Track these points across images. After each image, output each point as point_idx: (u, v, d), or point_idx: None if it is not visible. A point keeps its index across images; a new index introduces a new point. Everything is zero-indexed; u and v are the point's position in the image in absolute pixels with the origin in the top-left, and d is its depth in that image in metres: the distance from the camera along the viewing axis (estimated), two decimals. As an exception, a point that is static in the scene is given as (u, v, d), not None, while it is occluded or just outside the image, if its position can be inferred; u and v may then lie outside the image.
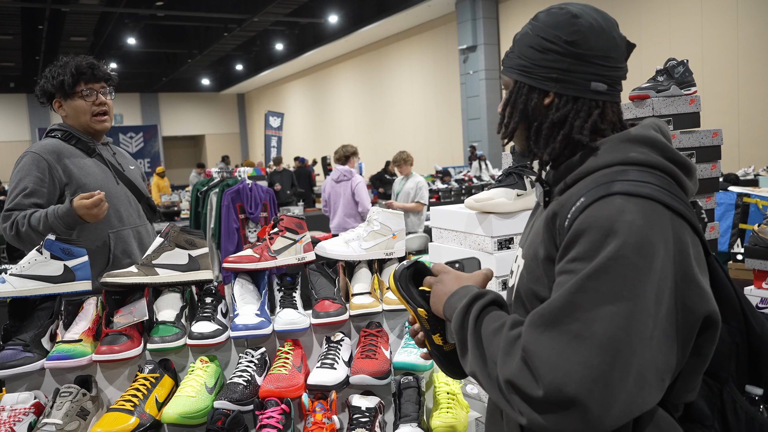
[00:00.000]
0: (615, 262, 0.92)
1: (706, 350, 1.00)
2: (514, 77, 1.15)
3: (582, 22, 1.08)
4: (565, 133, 1.11)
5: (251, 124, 30.66)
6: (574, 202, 1.02)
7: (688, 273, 0.95)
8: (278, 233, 1.99)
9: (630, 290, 0.91)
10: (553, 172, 1.17)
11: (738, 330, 1.08)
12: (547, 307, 0.96)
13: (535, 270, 1.10)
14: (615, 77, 1.11)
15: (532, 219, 1.29)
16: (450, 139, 16.85)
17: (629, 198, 0.96)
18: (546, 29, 1.10)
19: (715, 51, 10.68)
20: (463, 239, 2.20)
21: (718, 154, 2.70)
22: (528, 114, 1.14)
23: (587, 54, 1.08)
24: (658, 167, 1.04)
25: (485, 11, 14.71)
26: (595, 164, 1.07)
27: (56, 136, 2.38)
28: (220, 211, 4.85)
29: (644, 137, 1.07)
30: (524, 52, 1.13)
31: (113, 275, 1.83)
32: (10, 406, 1.58)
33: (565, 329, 0.92)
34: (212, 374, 1.74)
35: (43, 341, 1.73)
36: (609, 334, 0.89)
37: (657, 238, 0.94)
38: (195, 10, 16.58)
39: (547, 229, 1.08)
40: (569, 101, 1.10)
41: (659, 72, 2.60)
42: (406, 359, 1.81)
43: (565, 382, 0.89)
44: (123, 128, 24.18)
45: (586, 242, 0.96)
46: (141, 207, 2.55)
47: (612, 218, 0.95)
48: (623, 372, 0.89)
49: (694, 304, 0.95)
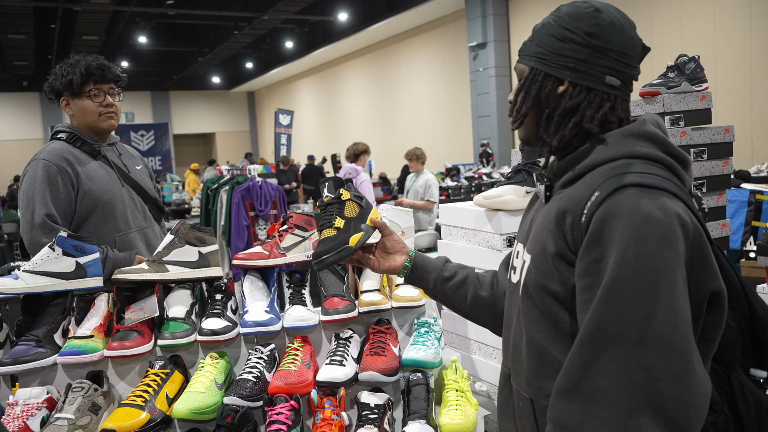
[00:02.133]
0: (643, 258, 0.95)
1: (713, 334, 1.04)
2: (531, 64, 1.18)
3: (604, 16, 1.11)
4: (576, 122, 1.14)
5: (261, 121, 30.73)
6: (588, 197, 1.04)
7: (706, 255, 1.00)
8: (287, 230, 2.00)
9: (667, 284, 0.94)
10: (555, 166, 1.20)
11: (742, 315, 1.11)
12: (587, 326, 0.99)
13: (544, 264, 1.11)
14: (628, 75, 1.14)
15: (530, 213, 1.30)
16: (460, 137, 16.81)
17: (643, 189, 1.00)
18: (568, 20, 1.13)
19: (727, 47, 10.58)
20: (472, 236, 2.20)
21: (730, 151, 2.68)
22: (541, 100, 1.17)
23: (605, 47, 1.11)
24: (659, 161, 1.08)
25: (495, 8, 14.63)
26: (601, 157, 1.10)
27: (62, 138, 2.36)
28: (230, 208, 4.87)
29: (646, 132, 1.11)
30: (544, 40, 1.16)
31: (124, 272, 1.84)
32: (23, 400, 1.59)
33: (624, 339, 0.95)
34: (222, 370, 1.75)
35: (56, 337, 1.75)
36: (665, 334, 0.93)
37: (676, 226, 0.97)
38: (205, 9, 16.63)
39: (557, 225, 1.09)
40: (583, 91, 1.13)
41: (670, 68, 2.58)
42: (415, 356, 1.82)
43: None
44: (134, 126, 24.32)
45: (609, 239, 0.98)
46: (147, 208, 2.52)
47: (631, 211, 0.97)
48: (687, 362, 0.93)
49: (706, 282, 1.00)
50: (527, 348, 1.16)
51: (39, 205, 2.18)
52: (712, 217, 2.64)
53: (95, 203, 2.29)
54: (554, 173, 1.20)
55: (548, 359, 1.11)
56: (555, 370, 1.08)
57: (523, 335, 1.18)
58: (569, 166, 1.16)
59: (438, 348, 1.88)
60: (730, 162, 2.69)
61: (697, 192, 2.55)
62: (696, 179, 2.58)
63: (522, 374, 1.19)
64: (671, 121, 2.52)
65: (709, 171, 2.61)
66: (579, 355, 0.99)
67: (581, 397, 0.98)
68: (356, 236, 1.46)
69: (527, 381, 1.16)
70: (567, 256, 1.07)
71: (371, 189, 6.19)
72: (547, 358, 1.11)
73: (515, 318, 1.23)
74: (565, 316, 1.09)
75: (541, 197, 1.24)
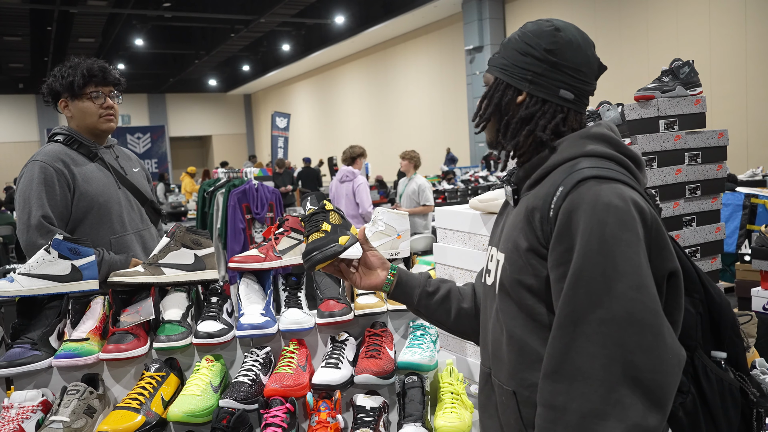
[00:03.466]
0: (606, 242, 1.03)
1: (676, 316, 1.13)
2: (495, 74, 1.28)
3: (562, 35, 1.21)
4: (530, 129, 1.23)
5: (258, 124, 30.74)
6: (553, 193, 1.13)
7: (663, 238, 1.09)
8: (283, 233, 2.00)
9: (630, 264, 1.03)
10: (519, 172, 1.30)
11: (700, 301, 1.22)
12: (562, 310, 1.07)
13: (518, 261, 1.19)
14: (583, 90, 1.24)
15: (501, 218, 1.39)
16: (456, 140, 16.84)
17: (601, 180, 1.09)
18: (530, 36, 1.23)
19: (723, 51, 10.63)
20: (468, 239, 2.21)
21: (724, 155, 2.70)
22: (501, 108, 1.27)
23: (561, 63, 1.21)
24: (612, 159, 1.17)
25: (492, 12, 14.70)
26: (559, 158, 1.20)
27: (59, 140, 2.36)
28: (226, 211, 4.87)
29: (598, 134, 1.21)
30: (508, 54, 1.26)
31: (120, 274, 1.84)
32: (18, 403, 1.59)
33: (596, 319, 1.03)
34: (218, 373, 1.75)
35: (51, 340, 1.75)
36: (633, 310, 1.01)
37: (634, 212, 1.06)
38: (202, 11, 16.65)
39: (527, 222, 1.18)
40: (538, 102, 1.23)
41: (664, 72, 2.60)
42: (410, 359, 1.82)
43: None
44: (130, 129, 24.27)
45: (575, 228, 1.07)
46: (144, 210, 2.52)
47: (592, 200, 1.06)
48: (657, 334, 1.02)
49: (663, 263, 1.09)
50: (507, 342, 1.22)
51: (35, 207, 2.18)
52: (706, 221, 2.66)
53: (91, 205, 2.29)
54: (519, 178, 1.29)
55: (528, 351, 1.18)
56: (534, 361, 1.16)
57: (503, 331, 1.23)
58: (532, 170, 1.25)
59: (433, 351, 1.88)
60: (725, 166, 2.70)
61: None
62: (690, 183, 2.60)
63: (503, 369, 1.24)
64: (666, 125, 2.53)
65: (703, 175, 2.63)
66: (558, 339, 1.07)
67: (565, 377, 1.05)
68: (345, 237, 1.48)
69: (509, 374, 1.22)
70: (538, 250, 1.15)
71: (368, 192, 6.19)
72: (526, 349, 1.18)
73: (492, 317, 1.29)
74: (541, 308, 1.16)
75: (509, 200, 1.33)
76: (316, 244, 1.47)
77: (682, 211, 2.59)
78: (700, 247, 2.63)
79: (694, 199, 2.62)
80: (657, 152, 2.51)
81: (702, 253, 2.64)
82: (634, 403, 1.00)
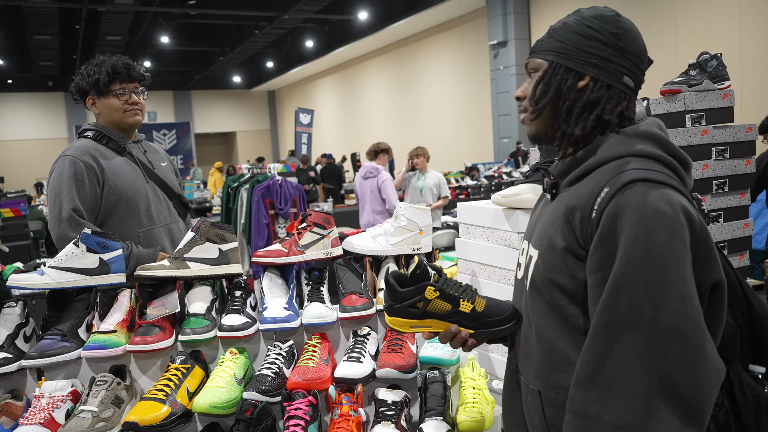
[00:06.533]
0: (653, 250, 0.99)
1: (716, 328, 1.07)
2: (551, 58, 1.21)
3: (624, 21, 1.18)
4: (597, 114, 1.17)
5: (282, 120, 30.88)
6: (597, 193, 1.08)
7: (710, 248, 1.04)
8: (306, 228, 2.02)
9: (676, 275, 0.98)
10: (559, 165, 1.23)
11: (740, 313, 1.16)
12: (600, 317, 1.03)
13: (552, 259, 1.14)
14: (639, 80, 1.20)
15: (536, 211, 1.34)
16: (480, 136, 16.74)
17: (649, 184, 1.04)
18: (592, 20, 1.18)
19: (753, 44, 10.39)
20: (490, 235, 2.20)
21: (753, 150, 2.65)
22: (561, 93, 1.20)
23: (626, 49, 1.16)
24: (661, 160, 1.12)
25: (516, 6, 14.55)
26: (605, 156, 1.14)
27: (88, 136, 2.41)
28: (250, 206, 4.91)
29: (649, 133, 1.16)
30: (566, 37, 1.19)
31: (146, 268, 1.88)
32: (49, 393, 1.63)
33: (637, 329, 0.99)
34: (242, 366, 1.77)
35: (80, 331, 1.79)
36: (676, 323, 0.98)
37: (683, 219, 1.01)
38: (227, 9, 16.76)
39: (566, 221, 1.13)
40: (603, 87, 1.18)
41: (692, 66, 2.55)
42: (432, 354, 1.82)
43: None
44: (156, 125, 24.59)
45: (619, 233, 1.02)
46: (172, 204, 2.57)
47: (640, 205, 1.01)
48: (699, 348, 0.98)
49: (709, 273, 1.04)
50: (537, 342, 1.19)
51: (66, 200, 2.23)
52: (734, 217, 2.61)
53: (120, 198, 2.34)
54: (559, 172, 1.24)
55: (557, 352, 1.14)
56: (563, 363, 1.12)
57: (533, 329, 1.20)
58: (575, 165, 1.19)
59: (455, 346, 1.88)
60: (753, 161, 2.65)
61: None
62: (718, 178, 2.55)
63: (530, 368, 1.21)
64: (692, 119, 2.49)
65: (731, 170, 2.58)
66: (594, 346, 1.02)
67: (599, 387, 1.01)
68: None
69: (536, 374, 1.19)
70: (576, 251, 1.10)
71: (393, 188, 6.18)
72: (555, 351, 1.14)
73: (522, 313, 1.26)
74: (574, 309, 1.12)
75: (547, 194, 1.28)
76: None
77: (709, 206, 2.55)
78: (728, 244, 2.59)
79: (722, 195, 2.58)
80: (683, 147, 2.47)
81: (729, 250, 2.59)
82: (670, 418, 0.97)
